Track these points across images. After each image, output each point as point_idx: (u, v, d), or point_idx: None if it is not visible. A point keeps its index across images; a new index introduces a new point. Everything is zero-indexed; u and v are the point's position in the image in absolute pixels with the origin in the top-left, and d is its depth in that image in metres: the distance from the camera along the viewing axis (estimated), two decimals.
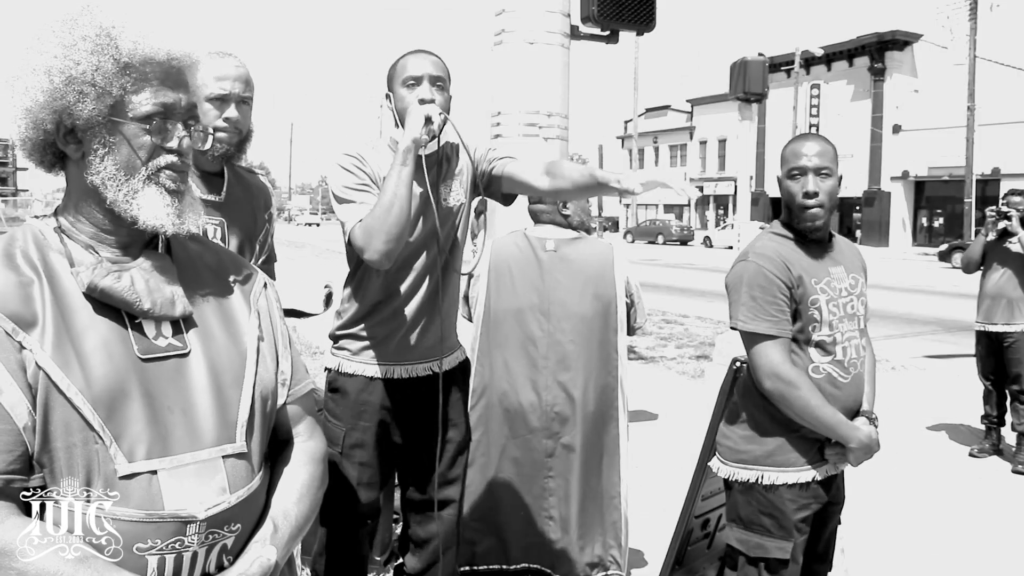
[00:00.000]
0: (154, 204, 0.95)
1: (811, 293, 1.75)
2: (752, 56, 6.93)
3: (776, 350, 1.72)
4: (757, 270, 1.74)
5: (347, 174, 1.74)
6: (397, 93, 1.78)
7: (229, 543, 0.95)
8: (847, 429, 1.75)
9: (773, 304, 1.72)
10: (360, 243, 1.65)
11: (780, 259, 1.75)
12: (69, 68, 0.90)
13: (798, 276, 1.74)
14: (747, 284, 1.75)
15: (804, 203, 1.75)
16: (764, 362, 1.72)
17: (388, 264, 1.66)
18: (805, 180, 1.75)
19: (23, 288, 0.90)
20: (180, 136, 0.96)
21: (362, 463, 1.85)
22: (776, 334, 1.72)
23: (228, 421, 0.97)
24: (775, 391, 1.71)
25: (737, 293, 1.77)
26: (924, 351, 7.55)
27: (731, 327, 1.81)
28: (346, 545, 1.89)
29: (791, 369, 1.72)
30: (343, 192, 1.73)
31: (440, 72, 1.77)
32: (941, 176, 27.93)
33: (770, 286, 1.72)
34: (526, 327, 2.29)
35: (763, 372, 1.72)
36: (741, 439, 1.83)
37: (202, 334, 0.99)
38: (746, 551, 1.81)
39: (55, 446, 0.87)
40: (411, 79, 1.75)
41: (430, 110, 1.66)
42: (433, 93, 1.73)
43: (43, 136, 0.95)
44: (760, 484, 1.78)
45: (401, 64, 1.79)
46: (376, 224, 1.62)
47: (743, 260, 1.79)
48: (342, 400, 1.86)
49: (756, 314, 1.73)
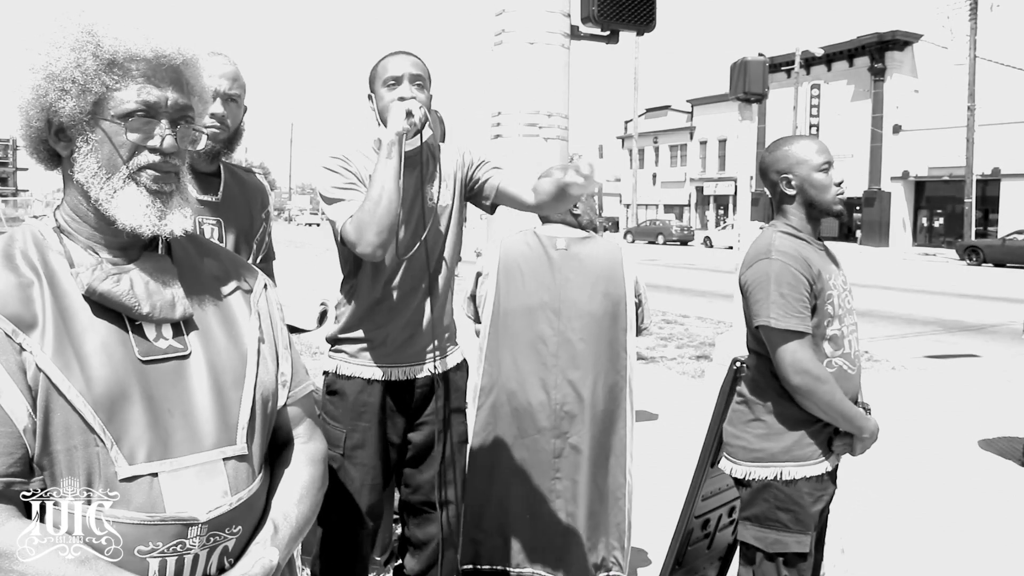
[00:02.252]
0: (132, 204, 0.93)
1: (827, 289, 1.80)
2: (752, 56, 6.91)
3: (805, 347, 1.75)
4: (783, 267, 1.76)
5: (333, 175, 1.77)
6: (378, 93, 1.81)
7: (230, 545, 0.95)
8: (863, 420, 1.81)
9: (800, 301, 1.75)
10: (352, 238, 1.67)
11: (802, 257, 1.79)
12: (50, 64, 0.90)
13: (817, 272, 1.79)
14: (775, 282, 1.76)
15: (839, 191, 1.85)
16: (794, 358, 1.74)
17: (382, 255, 1.69)
18: (835, 173, 1.85)
19: (23, 289, 0.89)
20: (163, 135, 0.94)
21: (364, 465, 1.85)
22: (805, 331, 1.75)
23: (229, 423, 0.97)
24: (804, 386, 1.74)
25: (763, 291, 1.77)
26: (924, 351, 7.55)
27: (756, 326, 1.79)
28: (348, 547, 1.88)
29: (819, 365, 1.76)
30: (331, 192, 1.76)
31: (420, 71, 1.79)
32: (941, 176, 27.92)
33: (797, 283, 1.75)
34: (536, 325, 2.28)
35: (793, 369, 1.74)
36: (756, 438, 1.85)
37: (202, 336, 0.98)
38: (764, 547, 1.82)
39: (55, 448, 0.87)
40: (391, 79, 1.78)
41: (411, 104, 1.69)
42: (413, 91, 1.76)
43: (36, 133, 0.95)
44: (780, 480, 1.80)
45: (382, 65, 1.81)
46: (366, 217, 1.64)
47: (766, 258, 1.79)
48: (341, 402, 1.86)
49: (787, 312, 1.74)
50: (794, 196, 1.85)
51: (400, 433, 1.90)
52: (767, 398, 1.84)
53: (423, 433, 1.91)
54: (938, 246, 28.37)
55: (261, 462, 1.02)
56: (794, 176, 1.84)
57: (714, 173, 38.97)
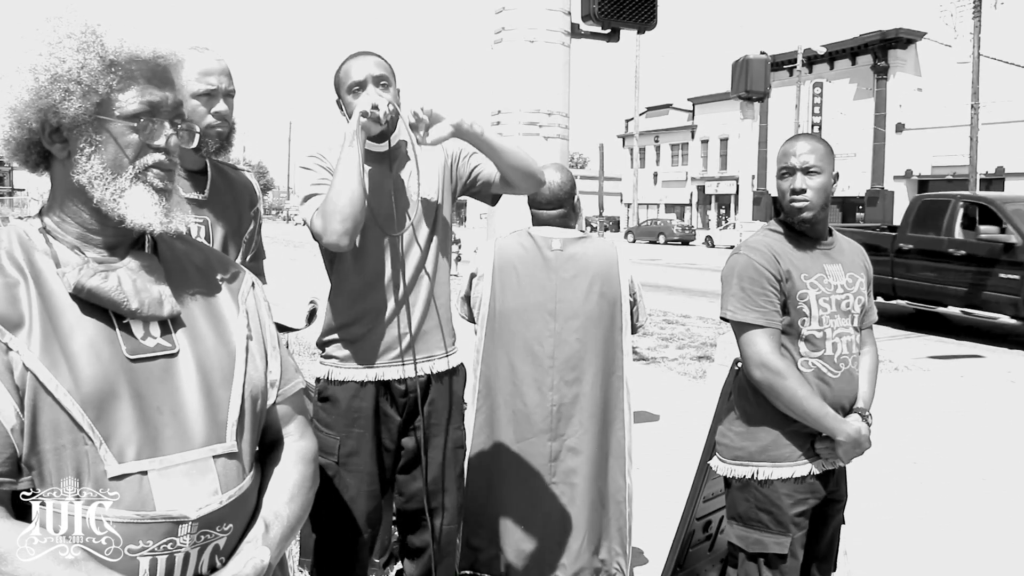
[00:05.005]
0: (142, 203, 0.94)
1: (799, 287, 1.79)
2: (754, 54, 6.91)
3: (764, 339, 1.76)
4: (747, 262, 1.79)
5: (309, 172, 1.79)
6: (345, 100, 1.80)
7: (221, 543, 0.95)
8: (833, 422, 1.77)
9: (762, 295, 1.77)
10: (318, 229, 1.67)
11: (770, 252, 1.80)
12: (55, 66, 0.89)
13: (787, 270, 1.79)
14: (737, 276, 1.80)
15: (792, 199, 1.82)
16: (752, 351, 1.76)
17: (348, 244, 1.67)
18: (793, 179, 1.82)
19: (9, 289, 0.89)
20: (167, 134, 0.96)
21: (359, 472, 1.83)
22: (764, 324, 1.76)
23: (218, 421, 0.96)
24: (763, 380, 1.75)
25: (728, 285, 1.83)
26: (928, 351, 7.53)
27: (720, 317, 1.86)
28: (346, 554, 1.86)
29: (779, 359, 1.75)
30: (305, 190, 1.78)
31: (382, 71, 1.78)
32: (945, 175, 27.85)
33: (759, 278, 1.77)
34: (533, 326, 2.27)
35: (752, 362, 1.76)
36: (736, 436, 1.87)
37: (190, 334, 0.98)
38: (745, 547, 1.83)
39: (43, 448, 0.86)
40: (355, 84, 1.77)
41: (374, 99, 1.68)
42: (379, 93, 1.75)
43: (28, 135, 0.94)
44: (755, 480, 1.81)
45: (344, 71, 1.80)
46: (329, 207, 1.64)
47: (736, 253, 1.85)
48: (334, 409, 1.83)
49: (745, 304, 1.77)
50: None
51: (394, 438, 1.88)
52: (746, 396, 1.86)
53: (416, 438, 1.88)
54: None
55: (251, 460, 1.02)
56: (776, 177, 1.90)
57: (716, 172, 38.94)
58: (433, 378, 1.88)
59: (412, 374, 1.84)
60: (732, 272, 1.82)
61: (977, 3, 22.42)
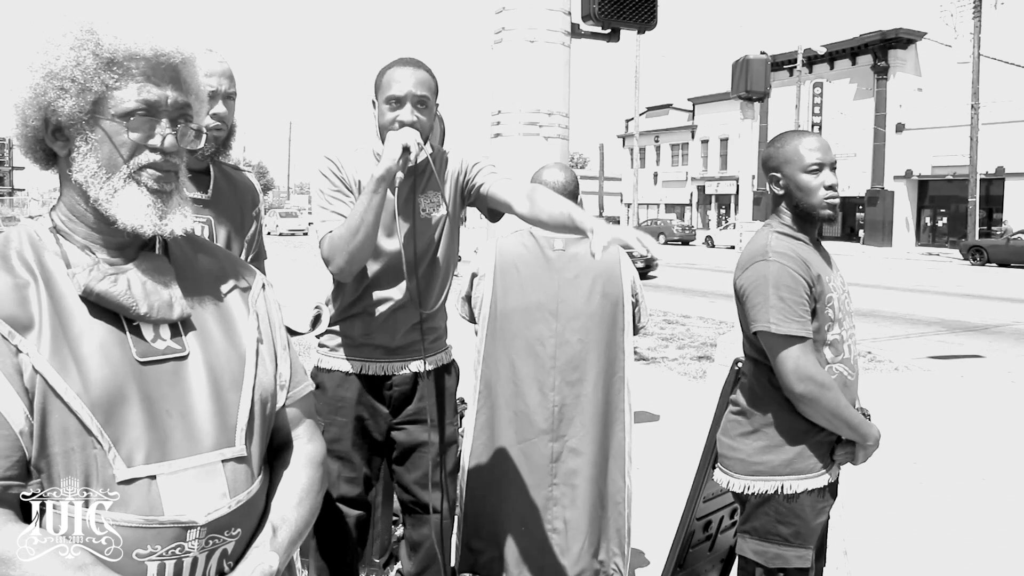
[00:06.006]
0: (133, 204, 0.92)
1: (827, 292, 1.71)
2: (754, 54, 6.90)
3: (808, 352, 1.65)
4: (782, 269, 1.67)
5: (324, 180, 1.83)
6: (380, 108, 1.79)
7: (229, 548, 0.94)
8: (867, 427, 1.74)
9: (800, 305, 1.66)
10: (325, 255, 1.76)
11: (800, 258, 1.70)
12: (49, 63, 0.89)
13: (816, 275, 1.70)
14: (774, 285, 1.66)
15: (828, 196, 1.74)
16: (796, 365, 1.64)
17: (347, 279, 1.79)
18: (826, 174, 1.74)
19: (19, 290, 0.89)
20: (164, 134, 0.94)
21: (340, 457, 1.88)
22: (806, 335, 1.66)
23: (227, 425, 0.96)
24: (808, 394, 1.65)
25: (761, 295, 1.68)
26: (928, 352, 7.53)
27: (754, 331, 1.69)
28: (333, 541, 1.91)
29: (823, 371, 1.68)
30: (318, 197, 1.83)
31: (425, 91, 1.76)
32: (945, 175, 27.85)
33: (796, 286, 1.66)
34: (534, 327, 2.26)
35: (795, 376, 1.65)
36: (756, 451, 1.76)
37: (201, 337, 0.98)
38: (764, 563, 1.76)
39: (53, 451, 0.86)
40: (394, 99, 1.75)
41: (408, 139, 1.67)
42: (415, 114, 1.74)
43: (32, 133, 0.94)
44: (781, 494, 1.73)
45: (387, 79, 1.79)
46: (340, 244, 1.72)
47: (763, 260, 1.70)
48: (320, 396, 1.88)
49: (787, 316, 1.64)
50: (783, 196, 1.77)
51: (383, 432, 1.93)
52: (767, 409, 1.75)
53: (406, 432, 1.93)
54: (941, 246, 28.30)
55: (260, 464, 1.01)
56: (782, 176, 1.76)
57: (716, 172, 38.91)
58: (420, 375, 1.91)
59: (399, 371, 1.90)
60: (765, 282, 1.67)
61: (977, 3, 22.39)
